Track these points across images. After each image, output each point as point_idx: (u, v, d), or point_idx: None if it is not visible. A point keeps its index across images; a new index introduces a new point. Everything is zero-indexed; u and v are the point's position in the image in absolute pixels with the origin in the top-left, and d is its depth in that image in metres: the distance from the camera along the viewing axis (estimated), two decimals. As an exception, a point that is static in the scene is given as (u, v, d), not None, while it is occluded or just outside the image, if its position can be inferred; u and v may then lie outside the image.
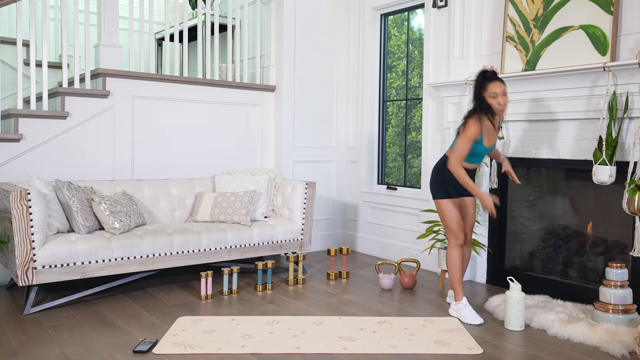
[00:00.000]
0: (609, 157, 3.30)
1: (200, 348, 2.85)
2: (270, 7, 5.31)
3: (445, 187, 3.43)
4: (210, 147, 4.99)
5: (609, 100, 3.33)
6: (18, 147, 4.06)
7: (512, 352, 2.87)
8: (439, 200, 3.45)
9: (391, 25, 5.41)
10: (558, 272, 3.90)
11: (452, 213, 3.42)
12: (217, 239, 4.02)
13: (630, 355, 2.80)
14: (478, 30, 4.28)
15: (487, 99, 3.24)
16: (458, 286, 3.42)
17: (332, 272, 4.36)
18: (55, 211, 3.65)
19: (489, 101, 3.24)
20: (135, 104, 4.57)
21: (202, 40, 5.37)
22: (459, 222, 3.43)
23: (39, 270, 3.35)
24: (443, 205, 3.43)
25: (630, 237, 3.30)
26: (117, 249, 3.61)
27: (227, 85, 5.05)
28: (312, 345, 2.90)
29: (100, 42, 4.49)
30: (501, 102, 3.23)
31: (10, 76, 4.89)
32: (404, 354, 2.81)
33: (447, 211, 3.42)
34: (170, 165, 4.78)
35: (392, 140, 5.42)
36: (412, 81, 5.20)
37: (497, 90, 3.22)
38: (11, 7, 5.33)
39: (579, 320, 3.15)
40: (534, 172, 4.07)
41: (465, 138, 3.26)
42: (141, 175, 4.61)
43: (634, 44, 3.37)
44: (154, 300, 3.73)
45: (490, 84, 3.24)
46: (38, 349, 2.84)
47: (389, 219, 5.19)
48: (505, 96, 3.25)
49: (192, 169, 4.91)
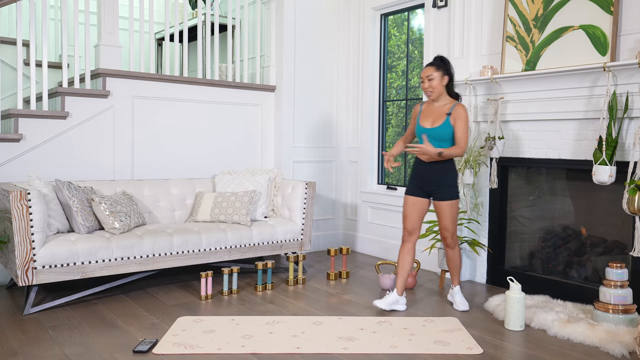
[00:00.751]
0: (609, 157, 3.30)
1: (200, 348, 2.85)
2: (270, 7, 5.31)
3: (410, 181, 3.63)
4: (210, 147, 4.99)
5: (609, 100, 3.33)
6: (18, 147, 4.06)
7: (512, 352, 2.87)
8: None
9: (391, 25, 5.41)
10: (558, 272, 3.90)
11: (404, 208, 3.60)
12: (217, 239, 4.02)
13: (630, 355, 2.80)
14: (478, 30, 4.28)
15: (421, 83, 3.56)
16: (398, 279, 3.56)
17: (332, 272, 4.36)
18: (55, 211, 3.65)
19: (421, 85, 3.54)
20: (135, 104, 4.57)
21: (202, 40, 5.37)
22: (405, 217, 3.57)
23: (39, 270, 3.35)
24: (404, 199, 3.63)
25: (630, 237, 3.30)
26: (117, 249, 3.61)
27: (227, 85, 5.05)
28: (312, 345, 2.90)
29: (100, 42, 4.49)
30: (426, 86, 3.49)
31: (10, 76, 4.89)
32: (404, 354, 2.81)
33: (403, 205, 3.63)
34: (170, 165, 4.78)
35: (392, 140, 5.42)
36: (412, 81, 5.20)
37: (422, 75, 3.51)
38: (11, 7, 5.33)
39: (579, 320, 3.15)
40: (534, 172, 4.07)
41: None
42: (141, 175, 4.61)
43: (634, 44, 3.37)
44: (154, 300, 3.73)
45: (423, 69, 3.55)
46: (38, 349, 2.84)
47: (389, 219, 5.18)
48: (432, 80, 3.47)
49: (192, 169, 4.91)
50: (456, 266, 3.68)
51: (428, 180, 3.50)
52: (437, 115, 3.50)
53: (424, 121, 3.53)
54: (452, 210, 3.50)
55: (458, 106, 3.47)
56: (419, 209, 3.55)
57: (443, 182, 3.48)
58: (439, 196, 3.50)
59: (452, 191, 3.50)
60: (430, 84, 3.47)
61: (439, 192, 3.50)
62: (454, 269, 3.69)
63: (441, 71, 3.48)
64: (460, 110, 3.45)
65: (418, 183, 3.55)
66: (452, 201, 3.50)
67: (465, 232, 4.29)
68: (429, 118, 3.52)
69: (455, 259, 3.67)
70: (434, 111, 3.53)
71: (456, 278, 3.69)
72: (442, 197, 3.49)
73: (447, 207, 3.49)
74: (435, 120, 3.49)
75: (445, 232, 3.56)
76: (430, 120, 3.51)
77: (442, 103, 3.53)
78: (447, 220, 3.52)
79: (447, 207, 3.49)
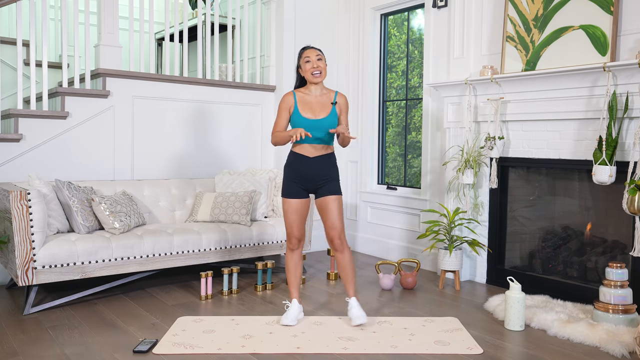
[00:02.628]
0: (609, 157, 3.30)
1: (200, 348, 2.85)
2: (270, 7, 5.31)
3: (288, 183, 3.24)
4: (210, 147, 4.99)
5: (609, 100, 3.33)
6: (18, 147, 4.06)
7: (512, 352, 2.87)
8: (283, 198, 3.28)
9: (391, 25, 5.41)
10: (558, 272, 3.90)
11: (286, 214, 3.25)
12: (217, 239, 4.02)
13: (630, 355, 2.80)
14: (478, 30, 4.28)
15: (302, 65, 3.21)
16: (291, 287, 3.33)
17: (332, 272, 4.36)
18: (55, 211, 3.65)
19: (303, 66, 3.19)
20: (135, 104, 4.57)
21: (202, 40, 5.37)
22: (292, 224, 3.24)
23: (39, 270, 3.35)
24: (283, 204, 3.27)
25: (630, 237, 3.30)
26: (117, 249, 3.61)
27: (227, 85, 5.05)
28: (312, 345, 2.90)
29: (100, 42, 4.49)
30: (315, 66, 3.15)
31: (10, 76, 4.89)
32: (404, 354, 2.81)
33: (284, 211, 3.26)
34: (170, 165, 4.78)
35: (392, 140, 5.42)
36: (412, 81, 5.20)
37: (310, 54, 3.18)
38: (11, 7, 5.33)
39: (579, 320, 3.15)
40: (534, 172, 4.07)
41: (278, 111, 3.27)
42: (141, 175, 4.61)
43: (634, 44, 3.37)
44: (154, 300, 3.73)
45: (305, 51, 3.22)
46: (38, 349, 2.84)
47: (389, 219, 5.18)
48: (321, 60, 3.18)
49: (192, 169, 4.91)
50: (349, 272, 3.25)
51: (314, 176, 3.19)
52: (320, 105, 3.21)
53: (305, 112, 3.18)
54: (340, 206, 3.20)
55: (340, 95, 3.27)
56: (303, 212, 3.24)
57: (331, 176, 3.21)
58: (326, 191, 3.18)
59: (339, 186, 3.24)
60: (319, 64, 3.17)
61: (326, 186, 3.20)
62: (346, 276, 3.25)
63: (324, 57, 3.24)
64: (344, 99, 3.26)
65: (299, 182, 3.21)
66: (340, 196, 3.22)
67: (465, 232, 4.29)
68: (311, 109, 3.20)
69: (347, 264, 3.24)
70: (314, 101, 3.22)
71: (351, 287, 3.26)
72: (330, 192, 3.18)
73: (335, 202, 3.19)
74: (319, 110, 3.19)
75: (333, 232, 3.20)
76: (313, 111, 3.19)
77: (320, 92, 3.24)
78: (335, 218, 3.18)
79: (335, 202, 3.19)
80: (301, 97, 3.23)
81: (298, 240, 3.28)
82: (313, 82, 3.21)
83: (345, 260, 3.25)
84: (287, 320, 3.21)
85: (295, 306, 3.28)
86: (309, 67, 3.17)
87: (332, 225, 3.20)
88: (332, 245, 3.25)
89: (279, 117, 3.25)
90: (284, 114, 3.24)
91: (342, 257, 3.25)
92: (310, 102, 3.22)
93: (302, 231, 3.28)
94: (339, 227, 3.20)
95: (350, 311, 3.23)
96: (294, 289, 3.33)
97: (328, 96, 3.25)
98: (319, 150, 3.21)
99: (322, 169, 3.20)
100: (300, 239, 3.29)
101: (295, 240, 3.28)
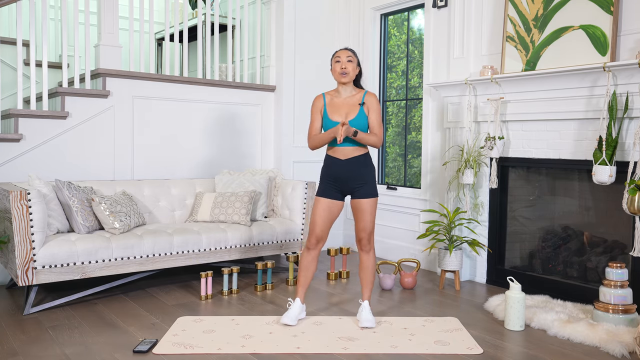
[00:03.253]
0: (609, 157, 3.30)
1: (200, 348, 2.85)
2: (270, 7, 5.31)
3: (322, 183, 3.28)
4: (210, 147, 4.99)
5: (609, 100, 3.33)
6: (18, 147, 4.06)
7: (512, 352, 2.87)
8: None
9: (391, 25, 5.41)
10: (558, 272, 3.90)
11: (314, 211, 3.26)
12: (217, 239, 4.02)
13: (630, 355, 2.80)
14: (478, 30, 4.28)
15: (332, 64, 3.24)
16: (298, 286, 3.32)
17: (332, 272, 4.36)
18: (55, 211, 3.65)
19: (334, 66, 3.22)
20: (135, 104, 4.57)
21: (202, 40, 5.37)
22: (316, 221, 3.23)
23: (39, 270, 3.35)
24: (314, 202, 3.28)
25: (630, 237, 3.30)
26: (117, 249, 3.61)
27: (227, 85, 5.05)
28: (312, 345, 2.90)
29: (100, 42, 4.49)
30: (344, 67, 3.17)
31: (10, 76, 4.89)
32: (404, 354, 2.81)
33: (313, 209, 3.28)
34: (170, 165, 4.78)
35: (392, 140, 5.42)
36: (412, 81, 5.20)
37: (341, 55, 3.20)
38: (11, 7, 5.33)
39: (579, 320, 3.15)
40: (534, 172, 4.07)
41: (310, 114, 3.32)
42: (141, 175, 4.61)
43: (634, 44, 3.37)
44: (154, 300, 3.73)
45: (338, 51, 3.25)
46: (38, 349, 2.84)
47: (389, 219, 5.18)
48: (351, 62, 3.19)
49: (192, 169, 4.91)
50: (369, 275, 3.30)
51: (347, 178, 3.20)
52: (348, 107, 3.22)
53: (333, 115, 3.21)
54: (373, 209, 3.23)
55: (369, 94, 3.24)
56: (331, 213, 3.25)
57: (366, 179, 3.21)
58: (361, 194, 3.21)
59: (374, 187, 3.25)
60: (348, 65, 3.18)
61: (362, 189, 3.21)
62: (366, 279, 3.29)
63: (357, 60, 3.25)
64: (372, 99, 3.23)
65: (333, 184, 3.23)
66: (374, 199, 3.24)
67: (465, 232, 4.29)
68: (339, 111, 3.22)
69: (370, 266, 3.30)
70: (343, 103, 3.23)
71: (367, 290, 3.30)
72: (364, 195, 3.21)
73: (369, 205, 3.21)
74: (347, 112, 3.20)
75: (363, 233, 3.24)
76: (341, 113, 3.21)
77: (349, 94, 3.25)
78: (367, 220, 3.22)
79: (369, 205, 3.21)
80: (330, 100, 3.27)
81: (317, 241, 3.26)
82: (340, 82, 3.24)
83: (369, 261, 3.30)
84: (287, 320, 3.22)
85: (297, 306, 3.28)
86: (338, 68, 3.21)
87: (363, 227, 3.24)
88: (360, 245, 3.29)
89: (312, 120, 3.30)
90: (316, 117, 3.29)
91: (367, 257, 3.29)
92: (338, 104, 3.25)
93: (325, 232, 3.26)
94: (369, 230, 3.25)
95: (360, 313, 3.26)
96: (300, 288, 3.33)
97: (357, 97, 3.25)
98: (351, 152, 3.21)
99: (354, 170, 3.21)
100: (320, 240, 3.26)
101: (314, 240, 3.26)
